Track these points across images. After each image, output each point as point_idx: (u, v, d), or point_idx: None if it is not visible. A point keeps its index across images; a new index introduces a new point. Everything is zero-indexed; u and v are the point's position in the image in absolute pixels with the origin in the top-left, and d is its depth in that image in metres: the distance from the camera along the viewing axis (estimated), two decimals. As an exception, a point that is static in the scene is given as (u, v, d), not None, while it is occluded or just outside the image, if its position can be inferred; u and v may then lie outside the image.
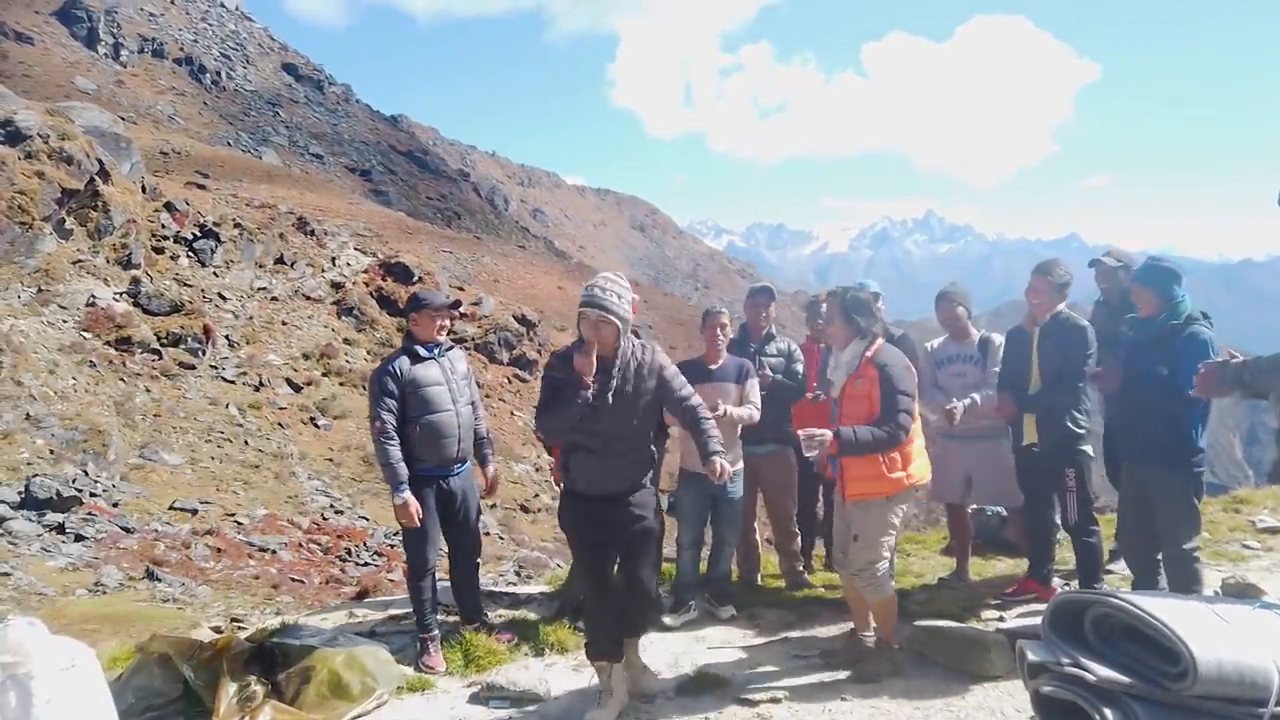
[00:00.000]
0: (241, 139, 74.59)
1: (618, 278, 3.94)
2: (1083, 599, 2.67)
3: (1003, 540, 6.74)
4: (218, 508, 14.15)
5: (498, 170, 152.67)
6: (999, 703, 3.97)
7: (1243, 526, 7.12)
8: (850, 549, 4.32)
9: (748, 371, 5.36)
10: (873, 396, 4.18)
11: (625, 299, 3.86)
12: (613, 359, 3.85)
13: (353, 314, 27.62)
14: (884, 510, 4.26)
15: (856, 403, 4.25)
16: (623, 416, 3.89)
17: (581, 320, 3.85)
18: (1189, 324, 4.36)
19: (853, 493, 4.30)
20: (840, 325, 4.36)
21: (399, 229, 51.92)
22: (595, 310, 3.79)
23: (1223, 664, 2.29)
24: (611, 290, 3.83)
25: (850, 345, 4.34)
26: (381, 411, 4.58)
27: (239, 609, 9.33)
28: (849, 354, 4.34)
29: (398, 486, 4.57)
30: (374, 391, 4.67)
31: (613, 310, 3.79)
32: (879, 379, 4.17)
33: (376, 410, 4.61)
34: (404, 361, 4.70)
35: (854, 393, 4.27)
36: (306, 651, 4.22)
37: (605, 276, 3.90)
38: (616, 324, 3.81)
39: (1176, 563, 4.52)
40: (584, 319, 3.85)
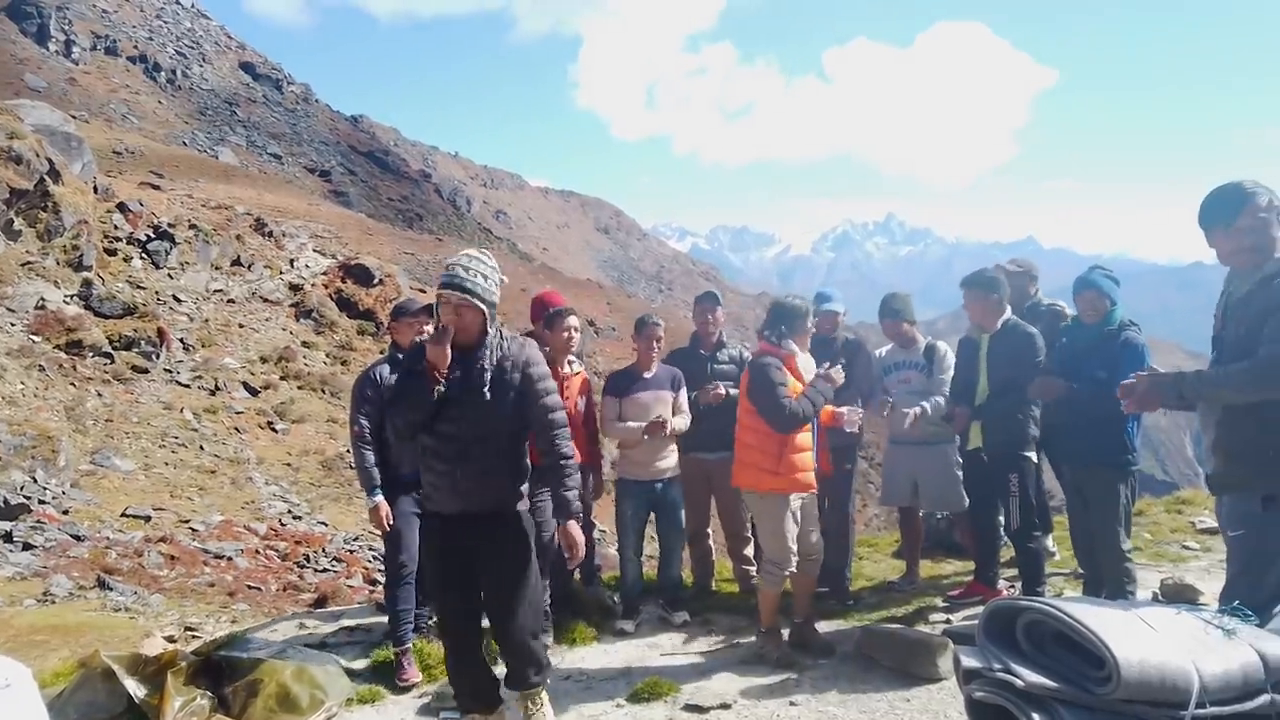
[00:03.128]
0: (197, 138, 73.38)
1: (483, 255, 3.55)
2: (1015, 605, 2.73)
3: (952, 543, 6.87)
4: (172, 514, 13.89)
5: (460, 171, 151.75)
6: (943, 705, 4.05)
7: (1184, 528, 7.31)
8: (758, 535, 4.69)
9: (680, 380, 5.45)
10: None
11: (492, 279, 3.49)
12: (476, 349, 3.44)
13: (312, 316, 27.27)
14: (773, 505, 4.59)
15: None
16: (482, 417, 3.41)
17: (441, 305, 3.45)
18: (1122, 330, 4.57)
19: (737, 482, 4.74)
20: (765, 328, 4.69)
21: (359, 230, 51.38)
22: (455, 292, 3.38)
23: (1145, 668, 2.37)
24: (475, 270, 3.43)
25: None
26: (360, 417, 4.70)
27: (193, 617, 9.17)
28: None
29: (371, 490, 4.65)
30: (354, 398, 4.82)
31: (476, 292, 3.38)
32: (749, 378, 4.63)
33: (355, 415, 4.73)
34: (384, 369, 4.80)
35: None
36: (254, 664, 4.19)
37: (468, 254, 3.52)
38: (481, 309, 3.41)
39: (1111, 563, 4.68)
40: (443, 303, 3.43)
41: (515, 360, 3.48)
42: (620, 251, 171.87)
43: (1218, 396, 3.16)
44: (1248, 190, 3.10)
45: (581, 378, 5.33)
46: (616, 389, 5.46)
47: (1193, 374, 3.21)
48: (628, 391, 5.38)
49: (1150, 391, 3.25)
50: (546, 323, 5.24)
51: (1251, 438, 3.06)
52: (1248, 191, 3.10)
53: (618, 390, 5.44)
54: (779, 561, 4.60)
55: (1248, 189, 3.11)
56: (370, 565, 12.90)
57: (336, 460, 18.55)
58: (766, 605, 4.73)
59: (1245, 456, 3.10)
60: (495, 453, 3.46)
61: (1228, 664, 2.43)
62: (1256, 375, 2.98)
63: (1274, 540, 3.05)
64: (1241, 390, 3.05)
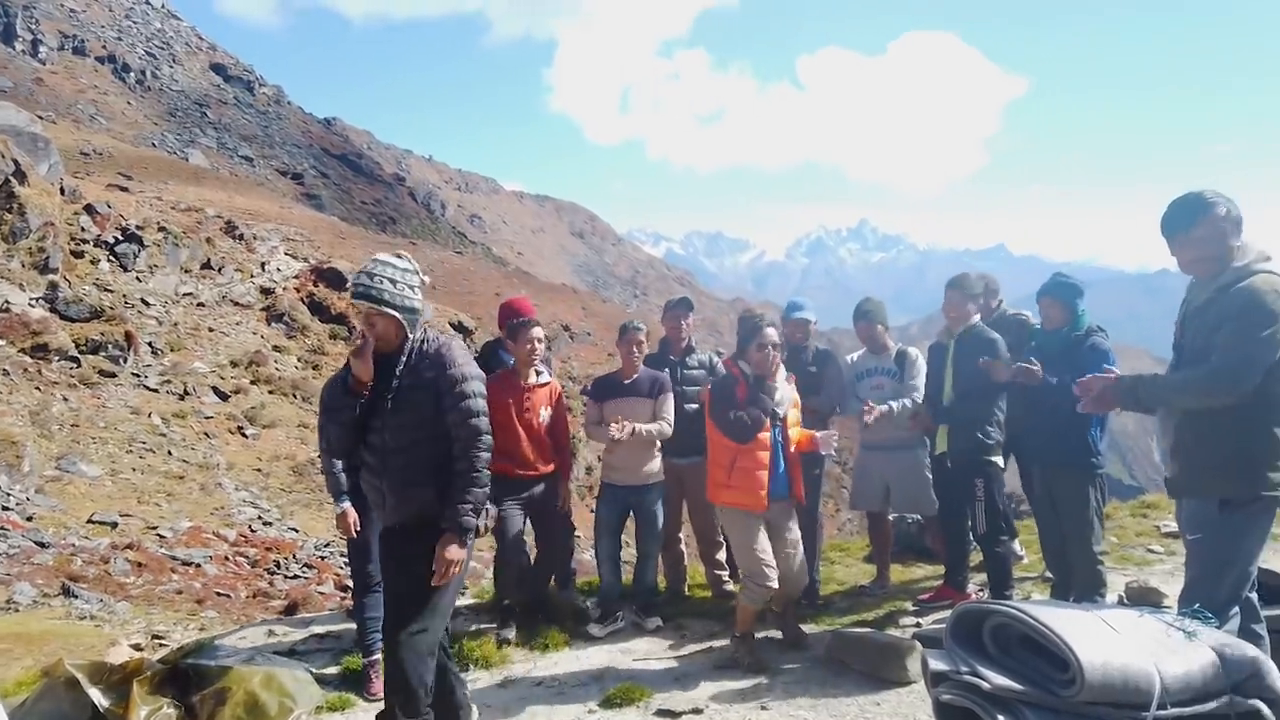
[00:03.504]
0: (167, 140, 72.48)
1: (395, 259, 3.36)
2: (982, 609, 2.77)
3: (922, 547, 6.92)
4: (139, 521, 13.70)
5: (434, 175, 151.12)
6: (913, 709, 4.08)
7: (1149, 531, 7.42)
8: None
9: (662, 385, 5.43)
10: None
11: (404, 283, 3.31)
12: (397, 356, 3.32)
13: (283, 320, 27.02)
14: (731, 517, 4.74)
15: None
16: (405, 425, 3.30)
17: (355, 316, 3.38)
18: (1089, 336, 4.67)
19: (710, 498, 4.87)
20: None
21: (332, 233, 50.99)
22: (363, 302, 3.26)
23: (1108, 670, 2.41)
24: (381, 275, 3.27)
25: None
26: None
27: (161, 625, 9.05)
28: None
29: (337, 497, 4.60)
30: (323, 403, 4.68)
31: (385, 299, 3.24)
32: None
33: (323, 421, 4.63)
34: None
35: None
36: (222, 672, 4.15)
37: (378, 260, 3.34)
38: (394, 315, 3.27)
39: (1082, 566, 4.76)
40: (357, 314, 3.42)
41: (433, 363, 3.32)
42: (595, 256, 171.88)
43: (1172, 402, 3.25)
44: (1206, 200, 3.18)
45: (549, 388, 5.30)
46: (597, 394, 5.52)
47: (1149, 378, 3.29)
48: (609, 397, 5.40)
49: (1106, 393, 3.33)
50: (510, 333, 5.22)
51: (1207, 443, 3.14)
52: (1206, 201, 3.18)
53: (599, 395, 5.49)
54: (751, 575, 4.59)
55: (1207, 199, 3.18)
56: (342, 571, 12.79)
57: (307, 465, 18.38)
58: (743, 615, 4.76)
59: (1201, 461, 3.18)
60: (417, 463, 3.31)
61: (1188, 666, 2.48)
62: (1207, 383, 3.07)
63: (1230, 544, 3.12)
64: (1193, 397, 3.14)
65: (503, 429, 5.06)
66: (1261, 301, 3.01)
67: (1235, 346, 3.02)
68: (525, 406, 5.12)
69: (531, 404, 5.13)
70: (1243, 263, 3.11)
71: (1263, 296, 3.01)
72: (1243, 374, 3.00)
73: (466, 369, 3.33)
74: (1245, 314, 3.03)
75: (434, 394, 3.29)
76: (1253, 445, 3.05)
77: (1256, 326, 2.99)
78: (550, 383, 5.33)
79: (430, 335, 3.40)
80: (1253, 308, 3.02)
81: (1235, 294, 3.07)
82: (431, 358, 3.32)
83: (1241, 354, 3.01)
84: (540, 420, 5.17)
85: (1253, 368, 2.99)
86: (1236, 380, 3.01)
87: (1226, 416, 3.06)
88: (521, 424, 5.10)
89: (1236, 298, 3.06)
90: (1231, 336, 3.03)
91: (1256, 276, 3.06)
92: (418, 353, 3.32)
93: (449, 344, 3.39)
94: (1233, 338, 3.03)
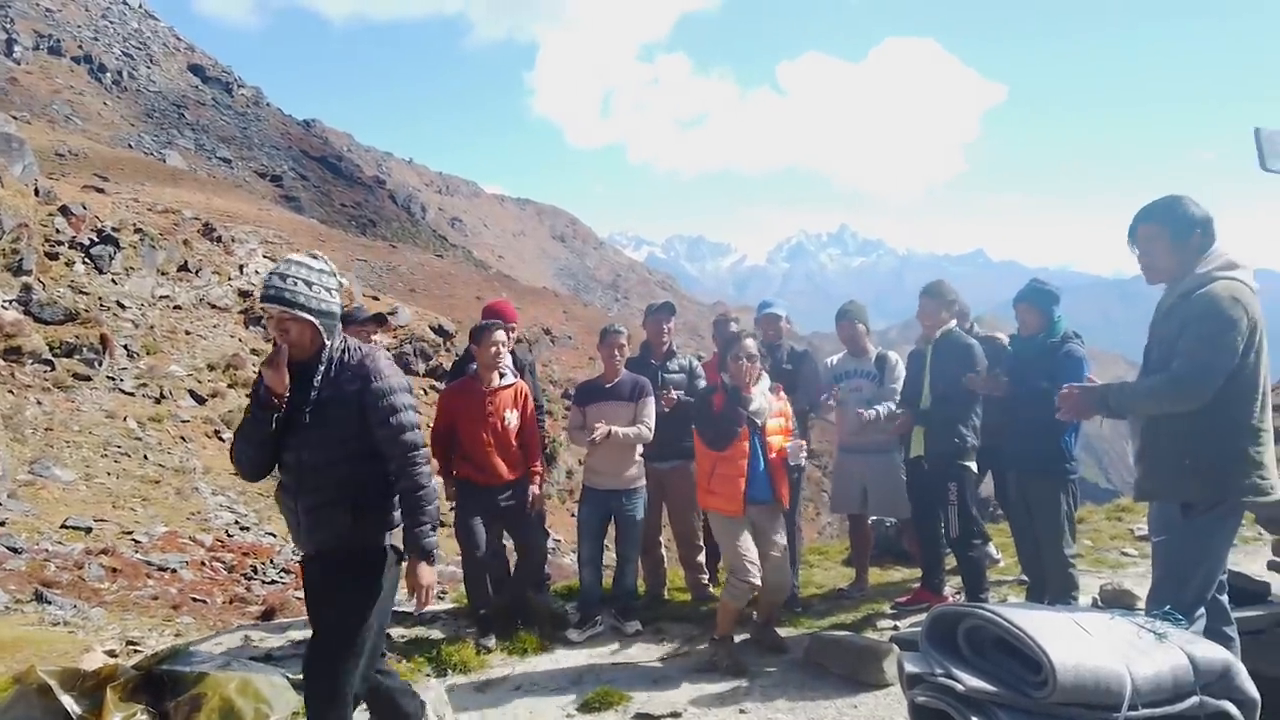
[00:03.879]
0: (144, 141, 71.79)
1: (310, 259, 3.11)
2: (957, 612, 2.80)
3: (900, 550, 6.98)
4: (114, 525, 13.55)
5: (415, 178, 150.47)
6: (890, 711, 4.12)
7: (1123, 534, 7.52)
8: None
9: (643, 389, 5.42)
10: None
11: (320, 285, 3.06)
12: (314, 366, 3.05)
13: (261, 324, 26.77)
14: (716, 521, 4.88)
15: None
16: (315, 443, 3.02)
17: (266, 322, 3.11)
18: (1065, 342, 4.74)
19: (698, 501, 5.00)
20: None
21: (311, 236, 50.68)
22: (274, 306, 2.98)
23: (1080, 672, 2.43)
24: (294, 277, 3.01)
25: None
26: None
27: (135, 631, 8.96)
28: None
29: None
30: None
31: (299, 303, 2.97)
32: None
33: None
34: None
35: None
36: (197, 678, 4.10)
37: (291, 260, 3.08)
38: (309, 320, 3.00)
39: (1055, 569, 4.81)
40: (268, 319, 3.06)
41: (356, 375, 3.04)
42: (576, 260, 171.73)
43: (1136, 408, 3.31)
44: (1154, 208, 3.27)
45: (514, 389, 5.22)
46: (581, 398, 5.53)
47: (1118, 386, 3.36)
48: (590, 401, 5.41)
49: (1080, 401, 3.38)
50: (472, 337, 5.17)
51: (1169, 447, 3.20)
52: (1152, 209, 3.27)
53: (582, 400, 5.50)
54: (734, 570, 4.66)
55: (1154, 207, 3.28)
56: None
57: (285, 470, 18.25)
58: (724, 615, 4.79)
59: (1164, 465, 3.24)
60: (334, 483, 3.01)
61: (1159, 667, 2.51)
62: (1168, 389, 3.13)
63: (1194, 546, 3.17)
64: (1156, 403, 3.20)
65: (467, 436, 5.05)
66: (1218, 308, 3.06)
67: (1194, 353, 3.07)
68: (489, 411, 5.06)
69: (495, 408, 5.08)
70: (1205, 269, 3.16)
71: (1220, 303, 3.06)
72: (1202, 381, 3.05)
73: (393, 380, 3.09)
74: (1202, 321, 3.08)
75: (357, 409, 3.02)
76: (1215, 450, 3.10)
77: (1214, 333, 3.04)
78: (515, 384, 5.25)
79: (352, 344, 3.15)
80: (1210, 315, 3.07)
81: (1194, 300, 3.12)
82: (354, 369, 3.05)
83: (1200, 361, 3.06)
84: (506, 424, 5.12)
85: (1211, 374, 3.03)
86: (1196, 387, 3.06)
87: (1189, 421, 3.12)
88: (486, 429, 5.05)
89: (1195, 304, 3.11)
90: (1190, 343, 3.09)
91: (1216, 283, 3.11)
92: (338, 363, 3.06)
93: (373, 354, 3.13)
94: (1192, 345, 3.08)
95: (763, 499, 4.72)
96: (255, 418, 3.01)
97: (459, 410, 5.12)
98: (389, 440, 3.04)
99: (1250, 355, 3.07)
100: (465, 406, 5.08)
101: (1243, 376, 3.08)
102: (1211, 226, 3.22)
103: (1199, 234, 3.20)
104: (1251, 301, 3.09)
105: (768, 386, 4.83)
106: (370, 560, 3.09)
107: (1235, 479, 3.11)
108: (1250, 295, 3.10)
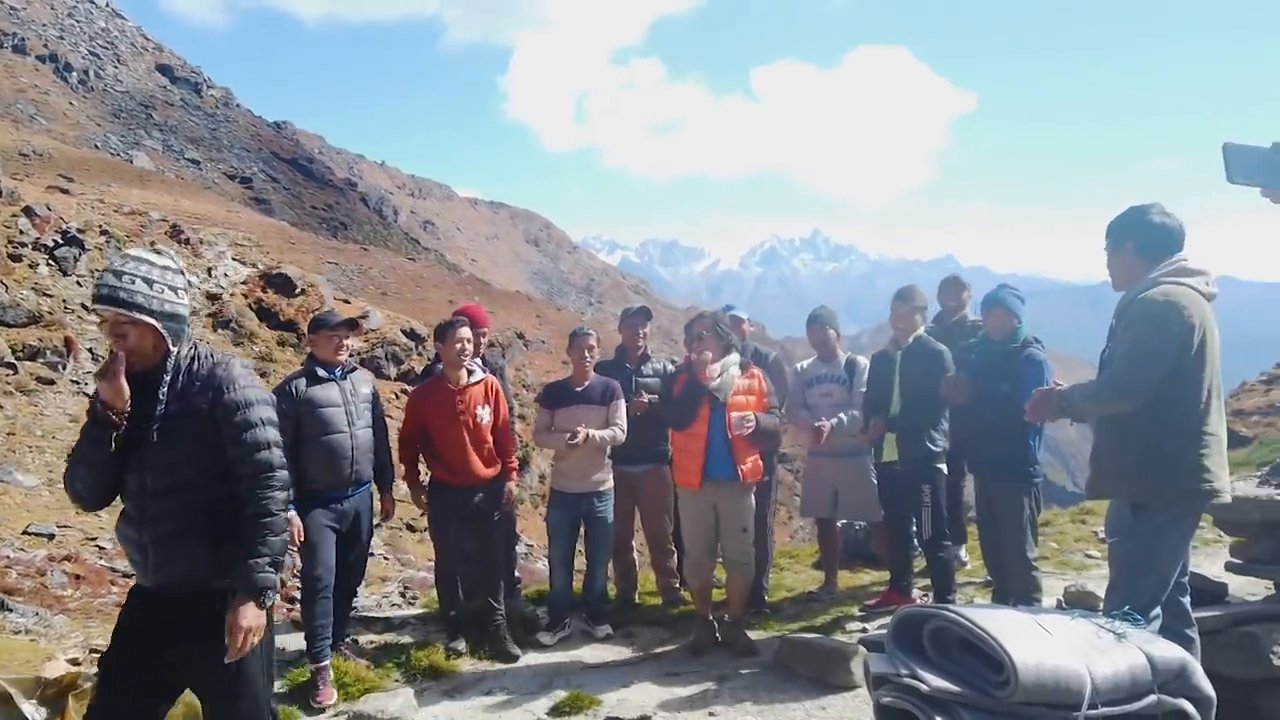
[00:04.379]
0: (110, 141, 70.71)
1: (153, 255, 2.75)
2: (922, 613, 2.83)
3: (869, 553, 7.03)
4: (78, 532, 13.30)
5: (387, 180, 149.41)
6: (857, 713, 4.15)
7: (1087, 537, 7.62)
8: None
9: (613, 392, 5.43)
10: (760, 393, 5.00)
11: (163, 284, 2.68)
12: (159, 376, 2.68)
13: (230, 327, 26.46)
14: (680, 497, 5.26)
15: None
16: (172, 463, 2.65)
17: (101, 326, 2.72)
18: (1026, 347, 4.81)
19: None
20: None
21: (281, 239, 50.14)
22: (109, 308, 2.60)
23: (1041, 671, 2.47)
24: (133, 274, 2.63)
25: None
26: None
27: (100, 639, 8.79)
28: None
29: None
30: None
31: (141, 304, 2.61)
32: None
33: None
34: (301, 382, 4.69)
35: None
36: (162, 685, 4.04)
37: (129, 256, 2.71)
38: (150, 323, 2.63)
39: (1019, 571, 4.88)
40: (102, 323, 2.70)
41: (207, 385, 2.69)
42: (550, 264, 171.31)
43: (1085, 410, 3.40)
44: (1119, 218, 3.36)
45: (484, 384, 5.15)
46: (548, 400, 5.51)
47: (1069, 389, 3.46)
48: (560, 404, 5.39)
49: (1038, 404, 3.48)
50: (437, 335, 5.14)
51: (1116, 447, 3.30)
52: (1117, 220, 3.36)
53: (550, 402, 5.47)
54: (687, 550, 5.13)
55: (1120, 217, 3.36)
56: (289, 582, 12.56)
57: (254, 474, 18.03)
58: (695, 595, 5.29)
59: (1111, 465, 3.33)
60: (185, 510, 2.65)
61: (1117, 666, 2.55)
62: (1105, 391, 3.25)
63: (1145, 547, 3.24)
64: (1097, 404, 3.33)
65: (439, 436, 5.02)
66: (1153, 313, 3.14)
67: (1128, 356, 3.18)
68: (459, 409, 5.01)
69: (466, 405, 5.04)
70: (1155, 275, 3.24)
71: (1156, 307, 3.15)
72: (1134, 382, 3.14)
73: (249, 391, 2.73)
74: (1137, 325, 3.18)
75: (210, 424, 2.67)
76: (1159, 451, 3.18)
77: (1146, 336, 3.14)
78: (485, 379, 5.18)
79: (203, 351, 2.80)
80: (1145, 319, 3.16)
81: (1135, 305, 3.22)
82: (204, 379, 2.69)
83: (1132, 364, 3.16)
84: (479, 420, 5.08)
85: (1143, 376, 3.12)
86: (1128, 388, 3.16)
87: (1134, 422, 3.20)
88: (459, 428, 5.01)
89: (1135, 309, 3.21)
90: (1126, 346, 3.19)
91: (1156, 289, 3.19)
92: (186, 372, 2.70)
93: (227, 362, 2.77)
94: (1127, 348, 3.19)
95: (722, 475, 4.83)
96: (91, 437, 2.61)
97: (429, 411, 5.07)
98: (240, 459, 2.68)
99: (1192, 359, 3.14)
100: (436, 406, 5.03)
101: (1185, 380, 3.15)
102: (1169, 235, 3.29)
103: (1146, 241, 3.29)
104: (1193, 307, 3.15)
105: (735, 364, 4.89)
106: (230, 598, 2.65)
107: (1179, 481, 3.19)
108: (1194, 300, 3.17)
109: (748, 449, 4.88)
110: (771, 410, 5.05)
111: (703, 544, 5.01)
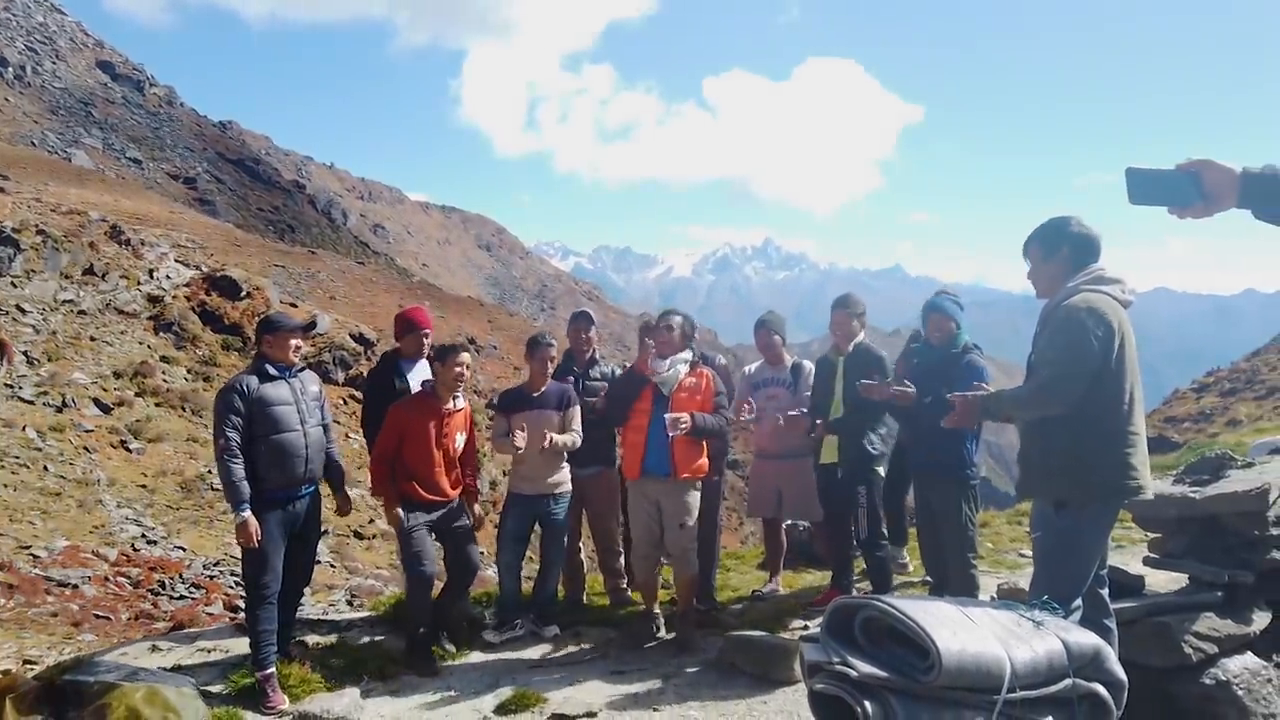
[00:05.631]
0: (48, 139, 68.68)
1: None
2: (854, 604, 2.95)
3: (812, 554, 7.18)
4: (10, 540, 12.97)
5: (336, 183, 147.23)
6: (798, 706, 4.26)
7: (1022, 537, 7.86)
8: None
9: (569, 398, 5.51)
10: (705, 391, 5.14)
11: None
12: None
13: (172, 330, 25.95)
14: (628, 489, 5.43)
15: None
16: None
17: None
18: (966, 352, 4.98)
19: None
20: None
21: (226, 240, 49.18)
22: None
23: (964, 657, 2.60)
24: None
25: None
26: (226, 429, 4.50)
27: (33, 649, 8.61)
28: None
29: (238, 505, 4.45)
30: (218, 409, 4.59)
31: None
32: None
33: (221, 428, 4.51)
34: (252, 380, 4.64)
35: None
36: (103, 689, 4.02)
37: None
38: None
39: (957, 570, 5.05)
40: None
41: None
42: (502, 269, 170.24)
43: (1013, 414, 3.58)
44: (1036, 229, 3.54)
45: (464, 412, 5.26)
46: (505, 406, 5.56)
47: (994, 394, 3.63)
48: (516, 409, 5.43)
49: (963, 409, 3.61)
50: (437, 356, 5.12)
51: (1040, 449, 3.46)
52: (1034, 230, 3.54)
53: (507, 408, 5.52)
54: (633, 542, 5.30)
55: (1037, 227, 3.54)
56: (232, 591, 12.37)
57: (197, 481, 17.71)
58: (642, 589, 5.45)
59: (1036, 466, 3.50)
60: None
61: (1035, 652, 2.69)
62: (1035, 396, 3.40)
63: (1066, 541, 3.41)
64: (1026, 409, 3.50)
65: (418, 453, 5.01)
66: (1074, 319, 3.30)
67: (1055, 361, 3.33)
68: (444, 432, 5.07)
69: (449, 430, 5.11)
70: (1074, 283, 3.41)
71: (1076, 314, 3.31)
72: (1063, 386, 3.30)
73: None
74: (1060, 330, 3.34)
75: None
76: (1080, 450, 3.34)
77: (1071, 342, 3.28)
78: (465, 407, 5.29)
79: None
80: (1066, 325, 3.32)
81: (1059, 311, 3.38)
82: None
83: (1058, 369, 3.31)
84: (456, 446, 5.17)
85: (1071, 380, 3.27)
86: (1058, 392, 3.31)
87: (1057, 424, 3.36)
88: (439, 449, 5.06)
89: (1056, 315, 3.38)
90: (1052, 352, 3.35)
91: (1076, 296, 3.36)
92: None
93: None
94: (1052, 353, 3.34)
95: (658, 470, 5.00)
96: None
97: (416, 425, 5.01)
98: None
99: (1113, 362, 3.31)
100: (421, 425, 5.00)
101: (1107, 382, 3.31)
102: (1086, 244, 3.46)
103: (1067, 251, 3.46)
104: (1112, 312, 3.31)
105: (686, 360, 5.02)
106: None
107: (1102, 479, 3.36)
108: (1112, 306, 3.34)
109: (689, 446, 4.99)
110: (719, 410, 5.16)
111: (647, 536, 5.18)
